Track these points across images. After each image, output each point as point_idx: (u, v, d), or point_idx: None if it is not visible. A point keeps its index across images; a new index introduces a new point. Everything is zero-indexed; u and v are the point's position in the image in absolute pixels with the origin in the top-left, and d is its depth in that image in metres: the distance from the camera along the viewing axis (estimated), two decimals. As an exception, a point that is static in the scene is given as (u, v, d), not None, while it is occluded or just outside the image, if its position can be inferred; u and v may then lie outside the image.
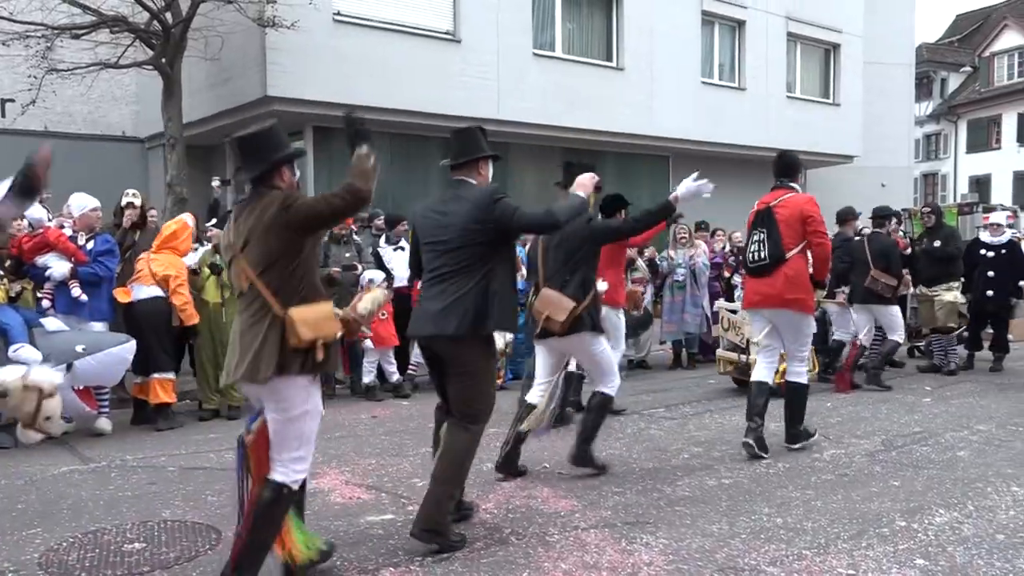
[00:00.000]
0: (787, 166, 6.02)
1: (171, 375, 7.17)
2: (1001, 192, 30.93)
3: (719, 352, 8.71)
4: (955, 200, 27.87)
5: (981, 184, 32.44)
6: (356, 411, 7.78)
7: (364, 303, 3.63)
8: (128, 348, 6.50)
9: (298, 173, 3.56)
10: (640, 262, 9.99)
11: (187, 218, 7.63)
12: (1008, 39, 32.54)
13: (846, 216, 9.42)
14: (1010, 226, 10.57)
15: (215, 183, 9.63)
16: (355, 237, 8.82)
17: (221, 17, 10.66)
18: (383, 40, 12.10)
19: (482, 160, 4.20)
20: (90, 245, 6.93)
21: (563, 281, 5.07)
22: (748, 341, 7.87)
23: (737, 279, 10.35)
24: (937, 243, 9.70)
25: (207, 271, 7.47)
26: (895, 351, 9.21)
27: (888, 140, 20.82)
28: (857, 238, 9.16)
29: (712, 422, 7.09)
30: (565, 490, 4.98)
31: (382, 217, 9.45)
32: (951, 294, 9.55)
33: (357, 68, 11.69)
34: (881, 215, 9.11)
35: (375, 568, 3.74)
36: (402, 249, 9.00)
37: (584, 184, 4.33)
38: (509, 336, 8.71)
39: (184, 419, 7.32)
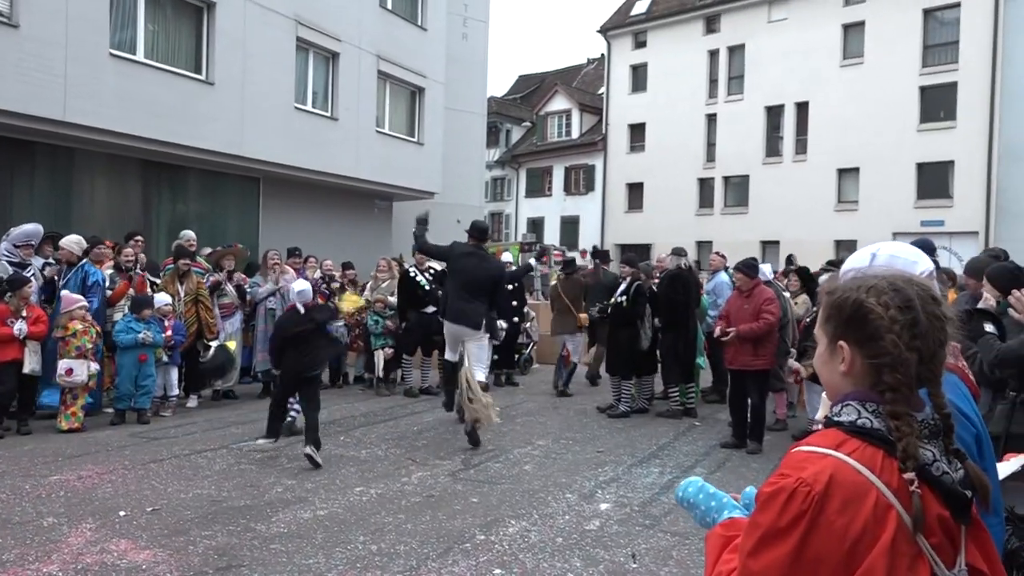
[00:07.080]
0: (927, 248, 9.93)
1: None
2: (551, 233, 35.85)
3: None
4: (516, 239, 31.66)
5: (537, 225, 37.22)
6: None
7: None
8: None
9: None
10: (229, 287, 9.60)
11: None
12: (558, 102, 37.94)
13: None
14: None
15: None
16: None
17: None
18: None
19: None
20: None
21: None
22: None
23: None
24: None
25: None
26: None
27: (463, 180, 22.92)
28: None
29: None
30: (147, 540, 4.54)
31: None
32: None
33: None
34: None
35: None
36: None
37: None
38: (95, 367, 7.68)
39: None
